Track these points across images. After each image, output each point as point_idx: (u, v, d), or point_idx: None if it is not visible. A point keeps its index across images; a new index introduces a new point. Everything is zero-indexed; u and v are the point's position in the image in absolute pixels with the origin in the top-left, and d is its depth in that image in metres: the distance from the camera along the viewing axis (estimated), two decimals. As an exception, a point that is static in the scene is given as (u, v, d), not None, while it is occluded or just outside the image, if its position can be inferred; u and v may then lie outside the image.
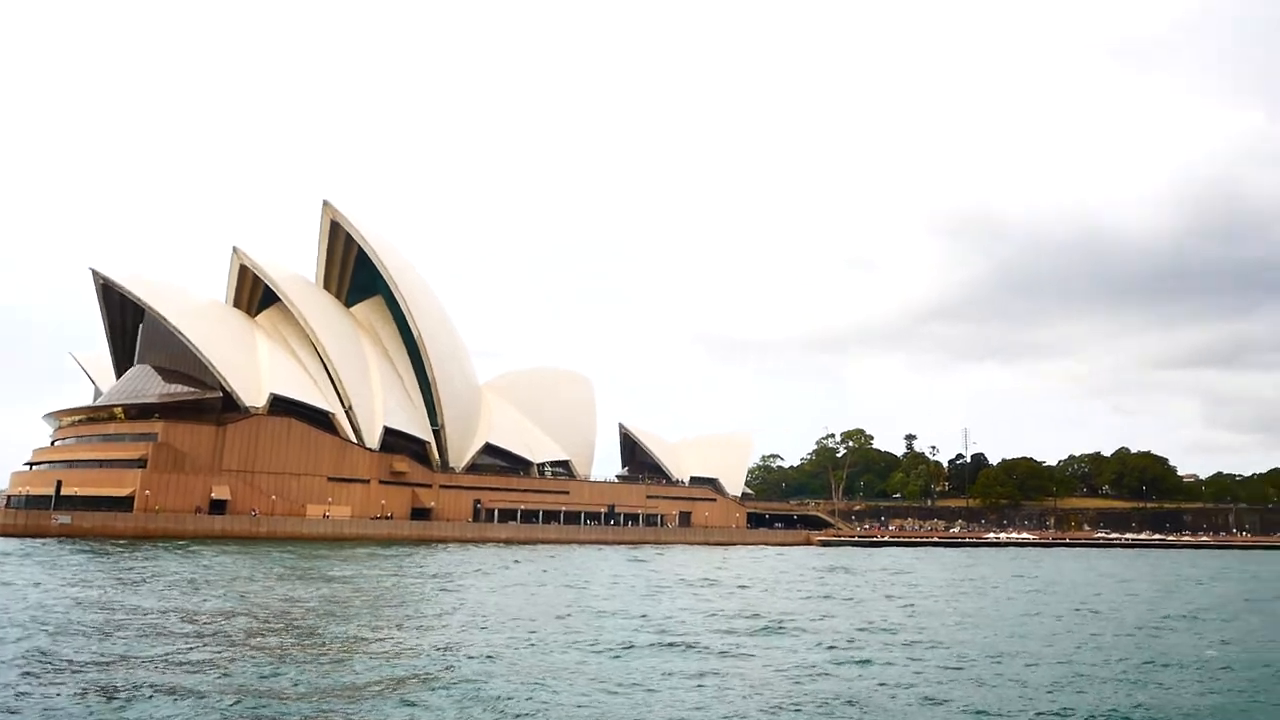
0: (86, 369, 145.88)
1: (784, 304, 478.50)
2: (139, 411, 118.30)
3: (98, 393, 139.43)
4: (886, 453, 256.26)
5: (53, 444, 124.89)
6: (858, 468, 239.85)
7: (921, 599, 52.12)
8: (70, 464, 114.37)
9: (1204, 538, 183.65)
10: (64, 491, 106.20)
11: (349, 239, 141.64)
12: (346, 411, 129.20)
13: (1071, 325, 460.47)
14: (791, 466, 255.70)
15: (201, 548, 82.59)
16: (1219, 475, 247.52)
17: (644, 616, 38.53)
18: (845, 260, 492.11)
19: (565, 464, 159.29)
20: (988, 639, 34.06)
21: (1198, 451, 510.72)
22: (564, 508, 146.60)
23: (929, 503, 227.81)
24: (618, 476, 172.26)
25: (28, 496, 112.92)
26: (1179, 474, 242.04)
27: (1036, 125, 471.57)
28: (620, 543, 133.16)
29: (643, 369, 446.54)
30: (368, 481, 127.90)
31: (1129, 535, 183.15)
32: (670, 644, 30.25)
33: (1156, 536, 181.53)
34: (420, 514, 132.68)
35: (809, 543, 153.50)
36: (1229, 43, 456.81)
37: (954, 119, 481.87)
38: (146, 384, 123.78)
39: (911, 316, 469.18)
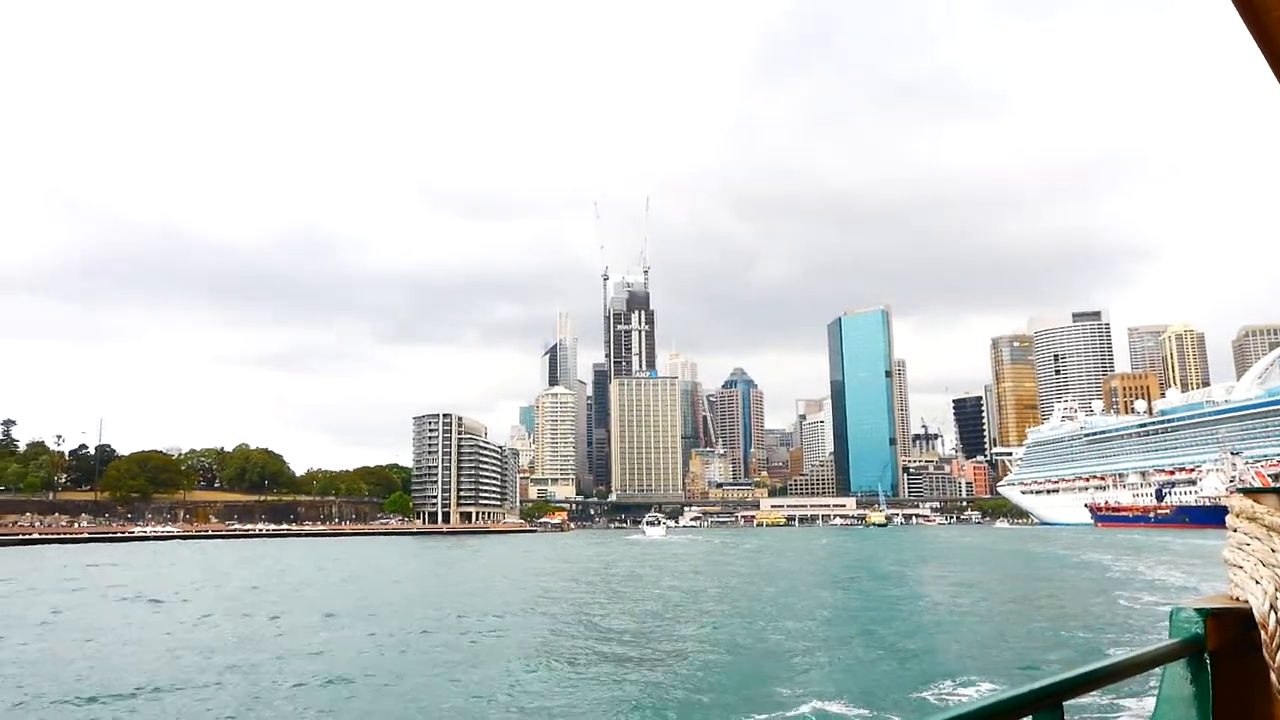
0: None
1: None
2: None
3: None
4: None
5: None
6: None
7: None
8: None
9: (321, 527, 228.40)
10: None
11: None
12: None
13: (148, 313, 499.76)
14: None
15: None
16: (320, 471, 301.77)
17: None
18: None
19: None
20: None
21: (291, 447, 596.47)
22: None
23: (51, 496, 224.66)
24: None
25: None
26: (293, 469, 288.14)
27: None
28: None
29: None
30: None
31: (263, 526, 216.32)
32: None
33: (285, 527, 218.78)
34: None
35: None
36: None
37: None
38: None
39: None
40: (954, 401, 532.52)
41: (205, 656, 30.67)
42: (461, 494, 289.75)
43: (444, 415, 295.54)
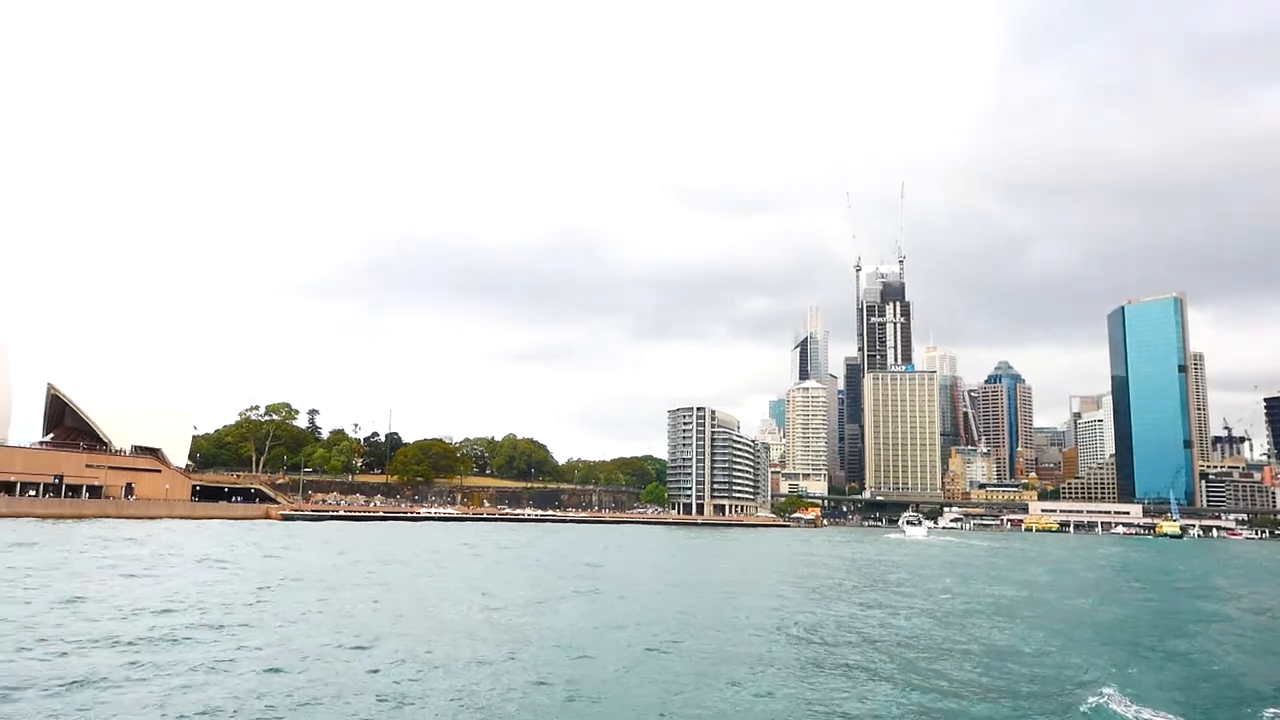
0: None
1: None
2: None
3: None
4: (294, 426, 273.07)
5: None
6: (279, 441, 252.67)
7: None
8: None
9: (582, 514, 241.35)
10: None
11: None
12: None
13: (429, 313, 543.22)
14: (203, 436, 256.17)
15: None
16: (580, 461, 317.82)
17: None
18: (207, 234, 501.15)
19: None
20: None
21: (552, 437, 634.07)
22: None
23: (350, 477, 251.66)
24: (41, 442, 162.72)
25: None
26: (555, 459, 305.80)
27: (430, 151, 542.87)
28: (80, 517, 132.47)
29: None
30: None
31: (529, 511, 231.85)
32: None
33: (550, 513, 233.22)
34: None
35: (269, 516, 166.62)
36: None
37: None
38: None
39: (283, 291, 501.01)
40: (1266, 401, 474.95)
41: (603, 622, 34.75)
42: (715, 486, 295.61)
43: (698, 409, 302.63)
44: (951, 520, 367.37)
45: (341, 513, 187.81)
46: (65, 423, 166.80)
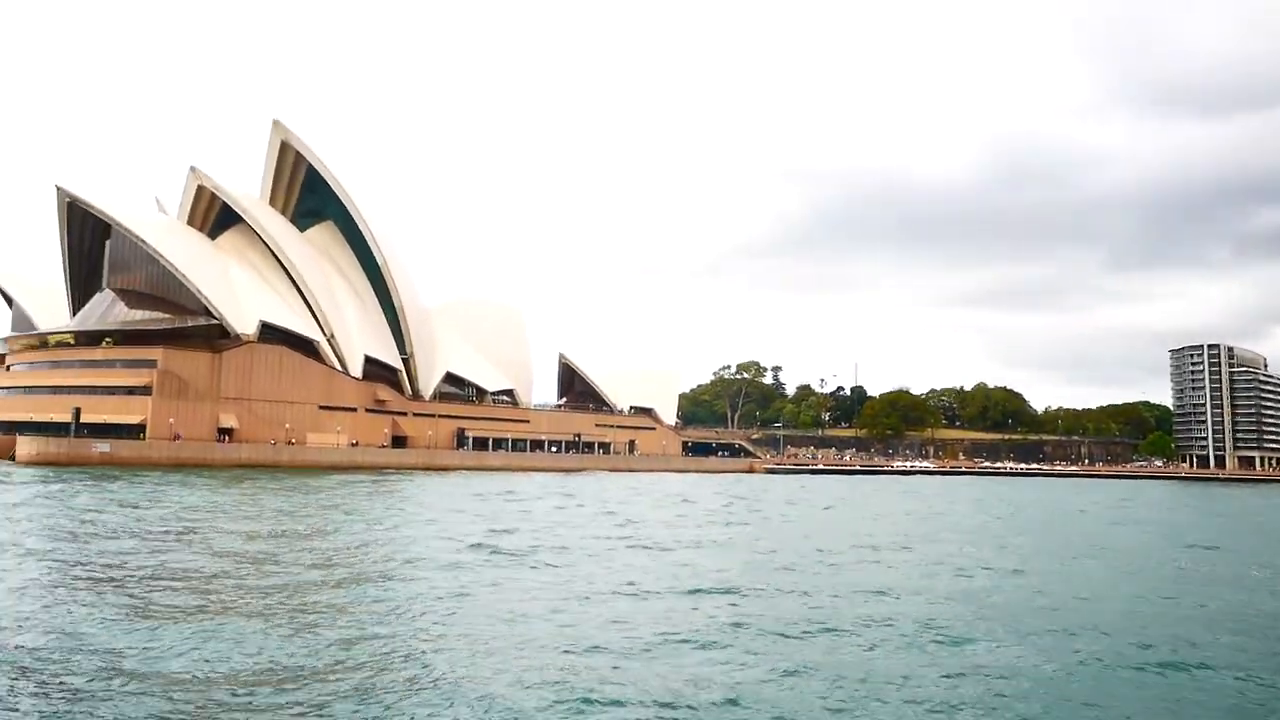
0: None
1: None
2: (125, 337, 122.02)
3: (21, 316, 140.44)
4: (762, 383, 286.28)
5: (8, 368, 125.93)
6: (749, 398, 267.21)
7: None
8: (65, 390, 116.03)
9: (1072, 468, 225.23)
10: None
11: (298, 161, 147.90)
12: (329, 339, 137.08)
13: (878, 261, 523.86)
14: (682, 394, 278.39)
15: (266, 479, 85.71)
16: (1062, 409, 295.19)
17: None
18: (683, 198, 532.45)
19: (510, 393, 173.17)
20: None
21: (1018, 385, 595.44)
22: (528, 436, 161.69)
23: (820, 432, 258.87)
24: (557, 406, 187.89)
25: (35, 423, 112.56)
26: (1033, 407, 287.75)
27: (861, 87, 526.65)
28: (614, 469, 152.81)
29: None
30: (355, 410, 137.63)
31: (1014, 465, 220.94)
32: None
33: (1034, 466, 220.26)
34: (398, 442, 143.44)
35: (752, 470, 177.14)
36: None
37: (796, 83, 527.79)
38: (114, 309, 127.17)
39: (739, 251, 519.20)
40: None
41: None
42: (1238, 436, 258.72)
43: (1209, 346, 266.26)
44: None
45: (821, 466, 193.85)
46: (575, 388, 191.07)
